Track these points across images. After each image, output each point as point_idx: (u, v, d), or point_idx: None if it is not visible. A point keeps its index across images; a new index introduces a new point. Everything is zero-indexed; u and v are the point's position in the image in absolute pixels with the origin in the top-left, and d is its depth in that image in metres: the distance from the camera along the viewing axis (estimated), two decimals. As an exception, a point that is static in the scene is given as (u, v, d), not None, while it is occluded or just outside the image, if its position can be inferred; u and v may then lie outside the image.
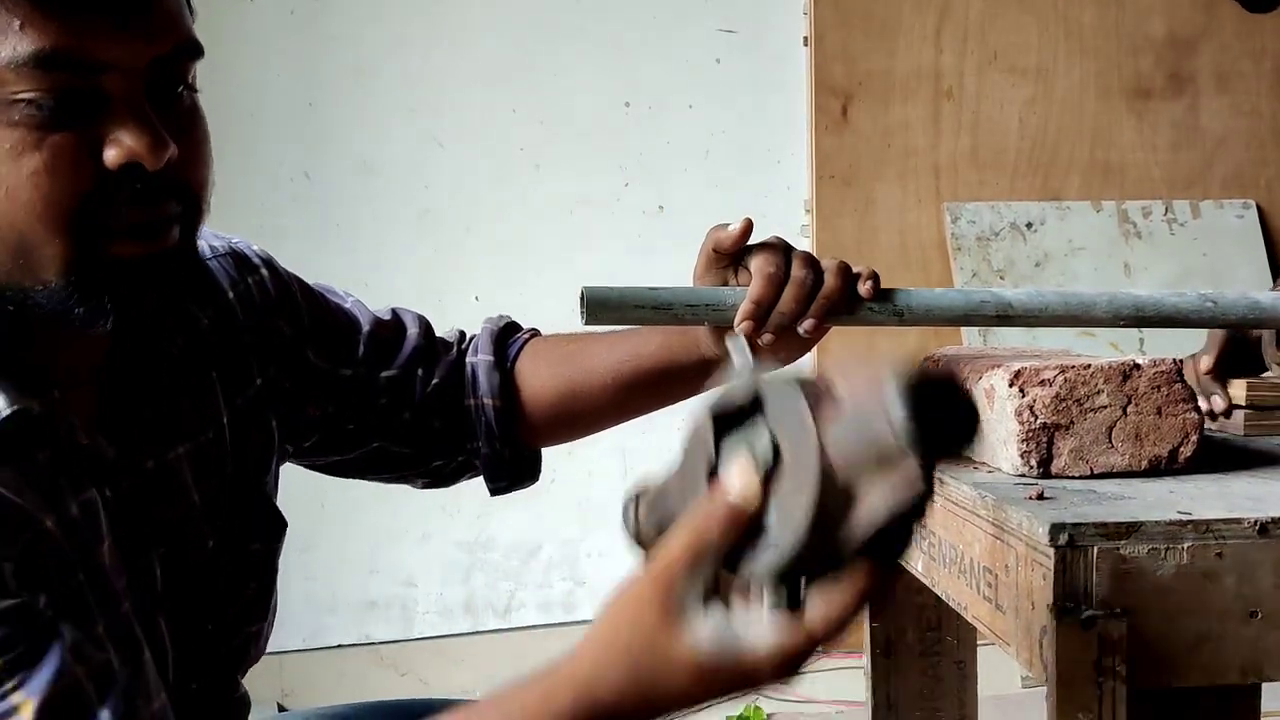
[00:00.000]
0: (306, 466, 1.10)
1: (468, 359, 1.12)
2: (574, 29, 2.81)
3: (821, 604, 0.65)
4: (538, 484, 1.15)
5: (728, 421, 0.68)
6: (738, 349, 0.70)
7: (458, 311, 2.87)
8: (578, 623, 2.65)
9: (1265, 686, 0.80)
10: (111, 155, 0.73)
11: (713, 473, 0.68)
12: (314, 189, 2.71)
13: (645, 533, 0.71)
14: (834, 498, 0.63)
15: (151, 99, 0.75)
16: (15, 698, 0.70)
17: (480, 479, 1.14)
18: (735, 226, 0.99)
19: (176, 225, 0.78)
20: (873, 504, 0.64)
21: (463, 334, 1.15)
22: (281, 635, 2.69)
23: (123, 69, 0.73)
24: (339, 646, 2.77)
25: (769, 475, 0.65)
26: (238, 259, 1.00)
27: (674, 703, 0.67)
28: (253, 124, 2.66)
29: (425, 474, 1.12)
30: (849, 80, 2.83)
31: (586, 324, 0.95)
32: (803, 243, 2.89)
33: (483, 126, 2.78)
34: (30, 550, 0.73)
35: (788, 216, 2.90)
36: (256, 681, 1.00)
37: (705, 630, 0.66)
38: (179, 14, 0.78)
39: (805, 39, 2.84)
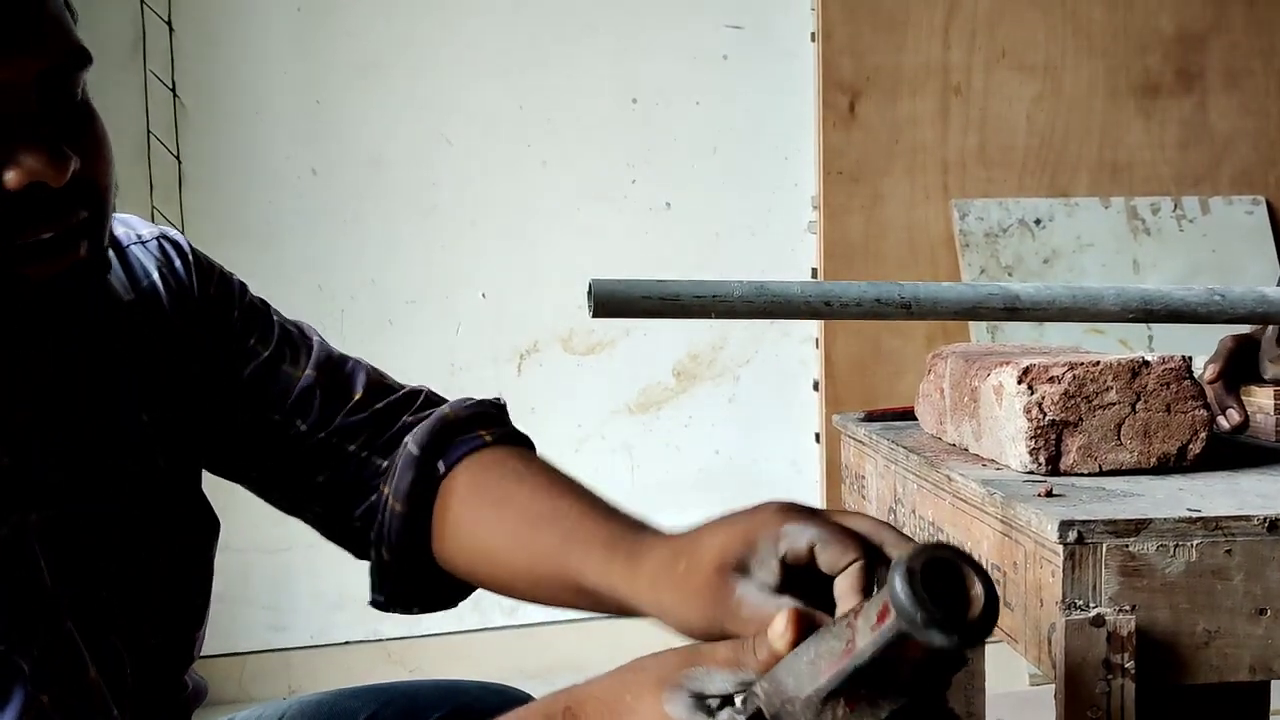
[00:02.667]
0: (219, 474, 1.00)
1: (405, 440, 0.96)
2: (581, 25, 2.81)
3: None
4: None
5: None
6: None
7: (465, 308, 2.89)
8: (583, 620, 2.65)
9: (1275, 683, 0.80)
10: (11, 177, 0.71)
11: None
12: (321, 186, 2.71)
13: None
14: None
15: (45, 112, 0.73)
16: None
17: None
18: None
19: (85, 237, 0.75)
20: None
21: (417, 393, 1.02)
22: (289, 632, 2.71)
23: (12, 87, 0.71)
24: (346, 643, 2.77)
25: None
26: (167, 245, 0.94)
27: None
28: (260, 121, 2.66)
29: (327, 531, 1.02)
30: (857, 76, 2.82)
31: (594, 316, 0.94)
32: (810, 240, 2.89)
33: (490, 123, 2.78)
34: None
35: (795, 213, 2.91)
36: (264, 679, 1.00)
37: (678, 711, 0.62)
38: (62, 24, 0.75)
39: (813, 34, 2.84)
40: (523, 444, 0.98)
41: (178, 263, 0.93)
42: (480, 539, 0.90)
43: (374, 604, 1.01)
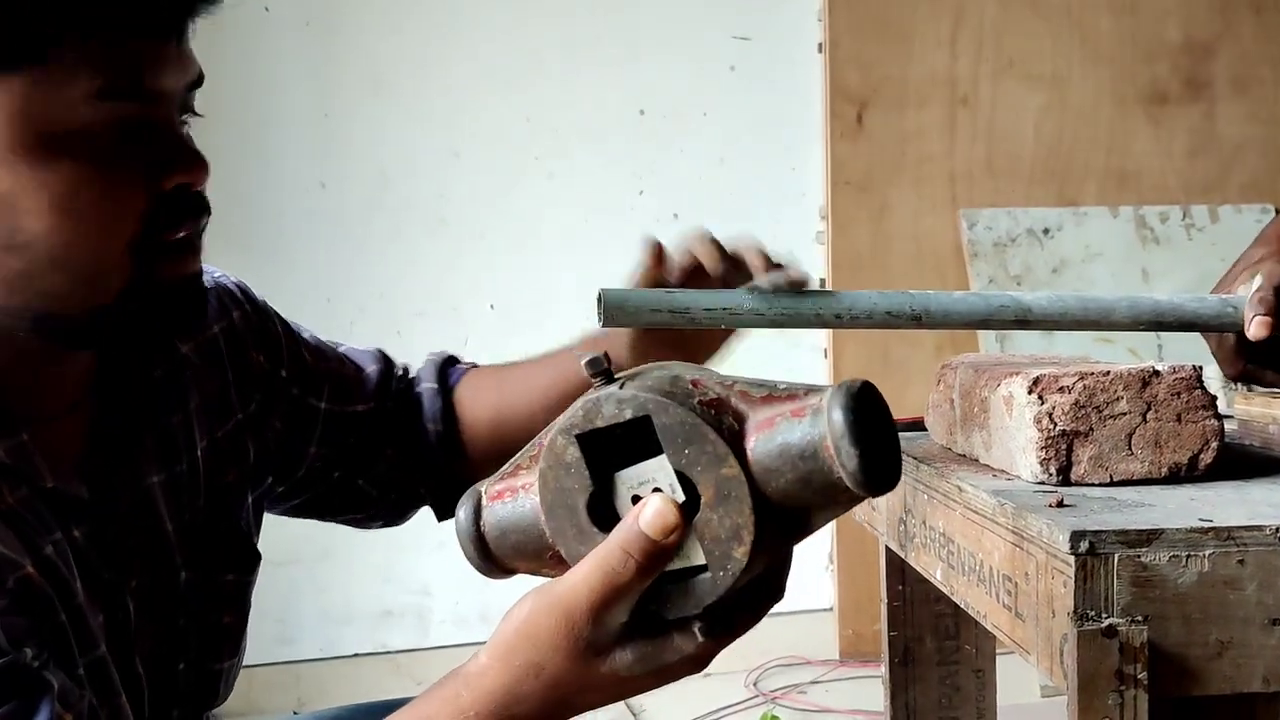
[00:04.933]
0: (277, 512, 1.09)
1: (415, 388, 1.13)
2: (588, 37, 2.81)
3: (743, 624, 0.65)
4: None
5: (599, 441, 0.63)
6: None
7: (474, 320, 2.88)
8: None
9: (1289, 695, 0.79)
10: (168, 177, 0.77)
11: (593, 502, 0.63)
12: (330, 199, 2.72)
13: (500, 552, 0.67)
14: (773, 529, 0.61)
15: (184, 122, 0.81)
16: None
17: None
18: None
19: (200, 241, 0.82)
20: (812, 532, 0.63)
21: (407, 368, 1.16)
22: (297, 645, 2.71)
23: (172, 94, 0.78)
24: (355, 655, 2.77)
25: (683, 507, 0.61)
26: (221, 293, 1.01)
27: (591, 708, 0.68)
28: (269, 135, 2.67)
29: (380, 509, 1.11)
30: (864, 87, 2.83)
31: (603, 326, 0.95)
32: (818, 250, 2.89)
33: (498, 136, 2.78)
34: (16, 597, 0.73)
35: (803, 223, 2.90)
36: (273, 692, 1.00)
37: (626, 659, 0.65)
38: (190, 44, 0.82)
39: (820, 45, 2.85)
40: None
41: (235, 311, 1.02)
42: (497, 405, 1.09)
43: (443, 518, 1.10)
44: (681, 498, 0.61)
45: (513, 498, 0.66)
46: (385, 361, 1.13)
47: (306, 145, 2.70)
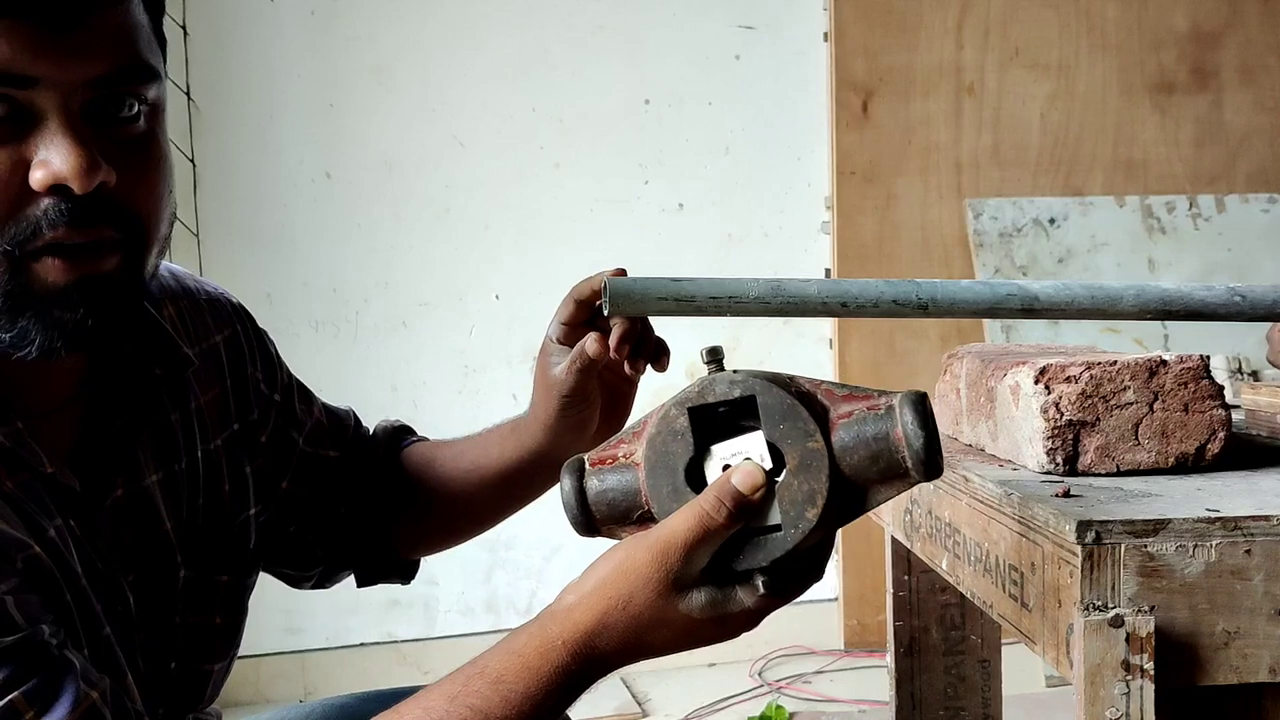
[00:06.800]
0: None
1: (371, 447, 1.13)
2: (593, 27, 2.81)
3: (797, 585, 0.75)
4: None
5: (704, 417, 0.75)
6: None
7: (478, 310, 2.88)
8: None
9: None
10: (37, 176, 0.71)
11: (691, 467, 0.74)
12: (335, 189, 2.72)
13: (596, 510, 0.77)
14: (839, 501, 0.73)
15: (91, 121, 0.73)
16: None
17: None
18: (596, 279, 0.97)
19: (115, 253, 0.75)
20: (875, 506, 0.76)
21: (367, 430, 1.16)
22: (305, 635, 2.72)
23: (54, 85, 0.71)
24: (361, 645, 2.78)
25: (769, 474, 0.73)
26: (223, 305, 1.00)
27: (657, 653, 0.76)
28: (274, 125, 2.67)
29: (317, 567, 1.11)
30: (870, 76, 2.82)
31: (609, 315, 0.95)
32: (824, 240, 2.88)
33: (502, 125, 2.78)
34: (26, 576, 0.73)
35: (809, 213, 2.90)
36: (280, 681, 1.01)
37: (700, 600, 0.74)
38: (126, 34, 0.75)
39: (825, 34, 2.84)
40: None
41: (238, 326, 1.01)
42: (436, 465, 1.12)
43: (362, 583, 1.16)
44: (769, 466, 0.73)
45: (614, 464, 0.77)
46: (355, 419, 1.14)
47: (311, 135, 2.70)
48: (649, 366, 0.99)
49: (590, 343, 0.96)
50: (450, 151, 2.77)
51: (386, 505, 1.11)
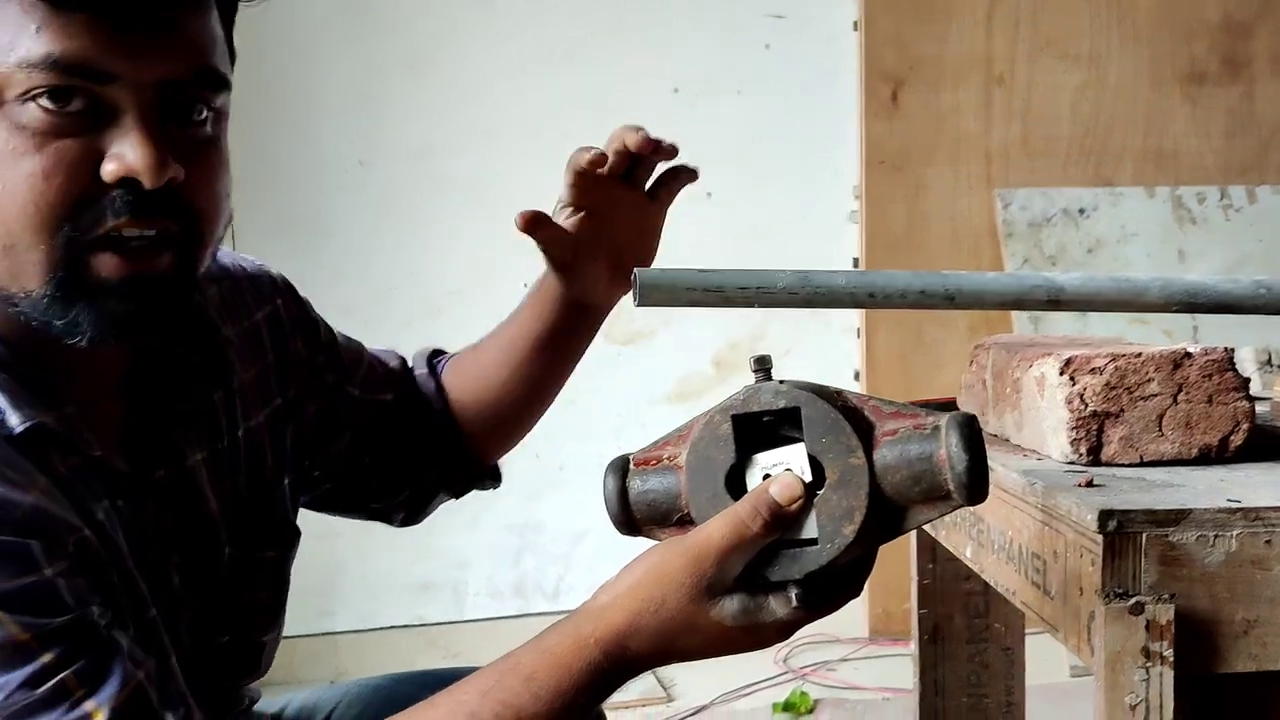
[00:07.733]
0: (305, 502, 1.12)
1: (415, 379, 1.18)
2: (622, 15, 2.82)
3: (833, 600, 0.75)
4: (586, 470, 1.18)
5: (748, 425, 0.75)
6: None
7: (509, 297, 2.89)
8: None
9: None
10: (109, 168, 0.74)
11: (731, 474, 0.74)
12: (369, 177, 2.75)
13: (637, 510, 0.78)
14: (877, 519, 0.73)
15: (164, 120, 0.75)
16: (88, 705, 0.72)
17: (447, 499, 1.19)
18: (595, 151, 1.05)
19: (170, 250, 0.77)
20: (913, 527, 0.75)
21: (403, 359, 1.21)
22: (337, 617, 2.75)
23: (132, 83, 0.73)
24: (391, 628, 2.81)
25: (808, 487, 0.73)
26: (264, 281, 1.03)
27: (687, 657, 0.76)
28: (310, 114, 2.70)
29: (400, 499, 1.15)
30: (899, 65, 2.82)
31: (638, 305, 0.96)
32: (853, 229, 2.89)
33: (533, 114, 2.80)
34: (76, 559, 0.75)
35: (838, 203, 2.90)
36: (312, 662, 1.03)
37: (732, 608, 0.73)
38: (202, 42, 0.78)
39: (855, 24, 2.84)
40: None
41: (278, 299, 1.04)
42: (475, 378, 1.17)
43: (454, 494, 1.20)
44: (809, 478, 0.73)
45: (657, 465, 0.78)
46: (402, 359, 1.18)
47: (345, 124, 2.73)
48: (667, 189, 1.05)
49: (579, 152, 1.03)
50: (482, 140, 2.79)
51: (447, 429, 1.14)
